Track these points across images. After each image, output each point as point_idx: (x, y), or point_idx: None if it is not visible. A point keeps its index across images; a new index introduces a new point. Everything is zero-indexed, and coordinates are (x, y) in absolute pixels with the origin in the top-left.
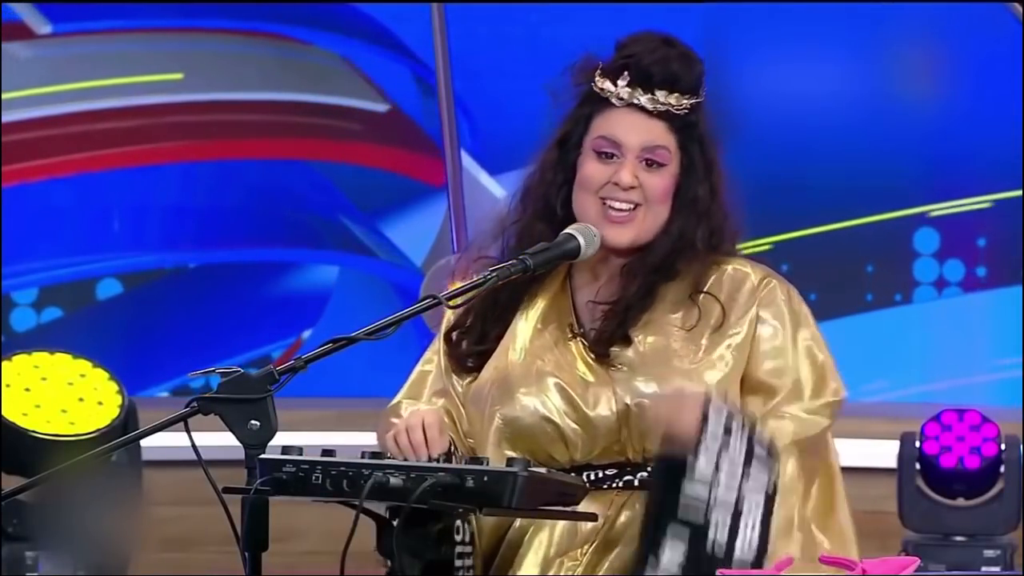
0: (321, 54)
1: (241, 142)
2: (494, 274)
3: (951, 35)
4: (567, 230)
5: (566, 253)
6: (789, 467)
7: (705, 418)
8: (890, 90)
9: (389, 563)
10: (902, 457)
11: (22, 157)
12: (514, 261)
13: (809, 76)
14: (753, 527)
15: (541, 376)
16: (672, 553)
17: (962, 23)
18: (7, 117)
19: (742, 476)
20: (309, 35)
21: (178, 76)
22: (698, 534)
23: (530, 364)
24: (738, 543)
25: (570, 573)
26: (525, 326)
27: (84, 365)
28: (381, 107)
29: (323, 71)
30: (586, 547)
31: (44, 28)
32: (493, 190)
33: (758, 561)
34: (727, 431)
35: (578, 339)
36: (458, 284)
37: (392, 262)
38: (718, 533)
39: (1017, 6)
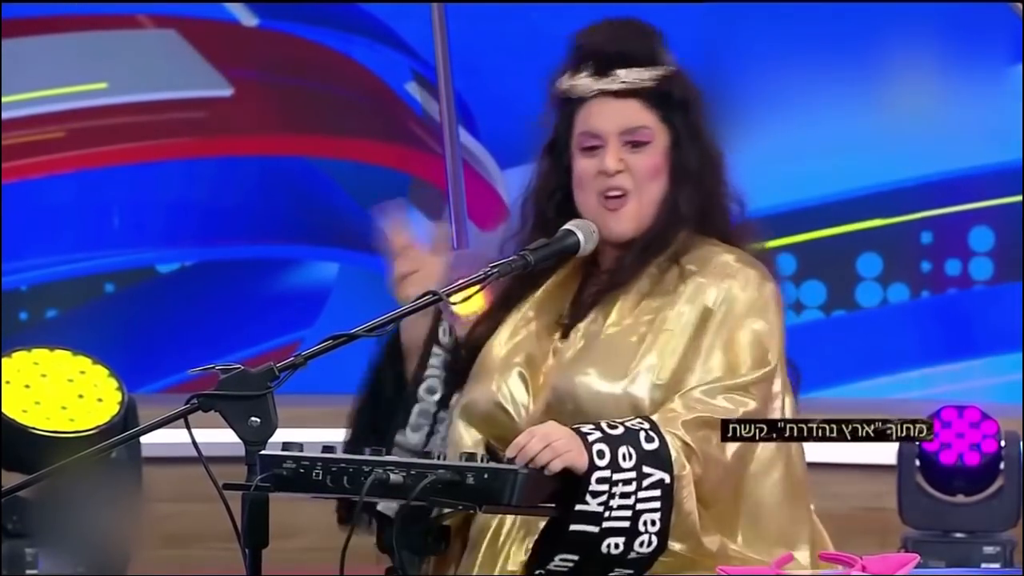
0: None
1: (241, 139)
2: (495, 270)
3: (952, 35)
4: (566, 225)
5: (565, 248)
6: (677, 444)
7: (592, 465)
8: (890, 91)
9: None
10: (902, 454)
11: (23, 154)
12: (514, 257)
13: (809, 77)
14: (653, 523)
15: (509, 366)
16: (560, 564)
17: (962, 23)
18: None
19: (635, 500)
20: (311, 32)
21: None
22: (588, 554)
23: (508, 352)
24: (636, 543)
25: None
26: (514, 316)
27: (84, 362)
28: (225, 91)
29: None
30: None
31: (251, 21)
32: (497, 181)
33: (658, 550)
34: (615, 468)
35: (561, 331)
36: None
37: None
38: (611, 549)
39: (1017, 5)
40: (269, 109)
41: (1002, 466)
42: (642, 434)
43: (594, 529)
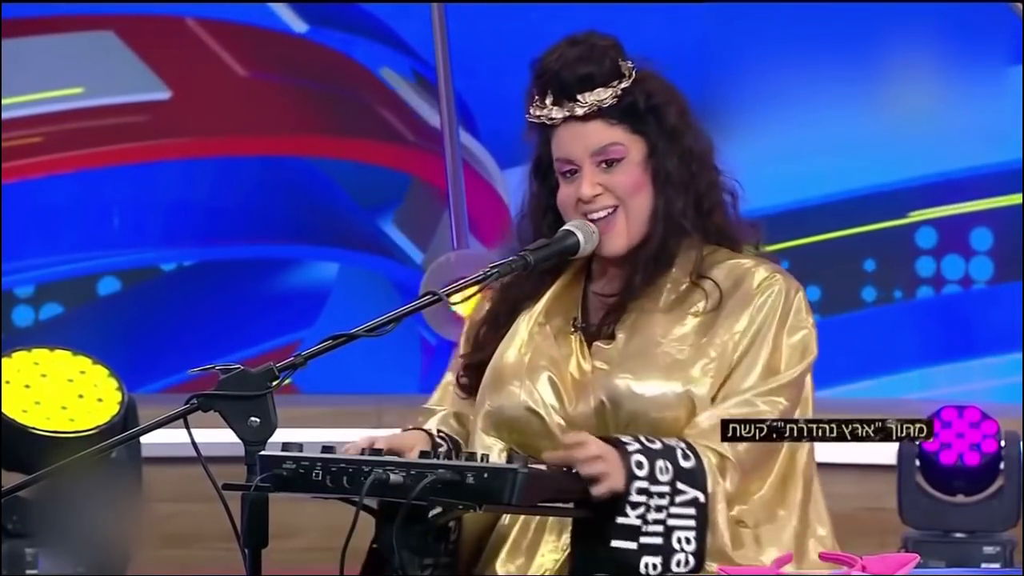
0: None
1: (241, 139)
2: (495, 270)
3: (952, 35)
4: (566, 226)
5: (565, 249)
6: (719, 507)
7: (631, 475)
8: (890, 91)
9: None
10: (902, 454)
11: (22, 154)
12: (515, 257)
13: (809, 77)
14: (688, 542)
15: (535, 369)
16: None
17: (962, 23)
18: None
19: (667, 515)
20: (312, 32)
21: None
22: (630, 572)
23: (525, 356)
24: (673, 562)
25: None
26: (527, 320)
27: (84, 362)
28: (163, 95)
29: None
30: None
31: (301, 27)
32: (497, 181)
33: (696, 571)
34: (652, 480)
35: (578, 333)
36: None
37: (392, 259)
38: (649, 569)
39: (1017, 5)
40: (281, 108)
41: (1002, 466)
42: (679, 451)
43: (632, 546)
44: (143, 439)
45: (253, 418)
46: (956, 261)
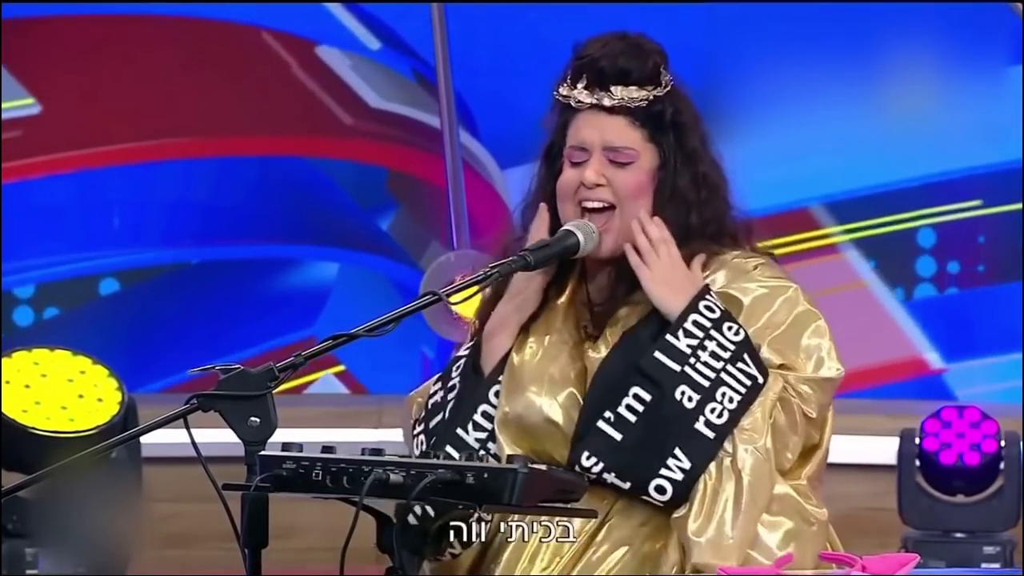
0: None
1: (241, 139)
2: (495, 270)
3: (952, 35)
4: (565, 226)
5: (565, 249)
6: (771, 394)
7: (694, 307)
8: (890, 91)
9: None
10: (902, 453)
11: (22, 153)
12: (515, 257)
13: (809, 77)
14: (730, 400)
15: (554, 379)
16: (632, 402)
17: (962, 23)
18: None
19: (723, 368)
20: (312, 32)
21: None
22: (662, 394)
23: (544, 364)
24: (708, 408)
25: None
26: (541, 326)
27: (84, 362)
28: (33, 110)
29: None
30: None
31: (374, 44)
32: (497, 181)
33: (720, 435)
34: (716, 328)
35: (591, 340)
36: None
37: (392, 259)
38: (684, 399)
39: (1017, 5)
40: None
41: (1002, 466)
42: (754, 346)
43: (675, 367)
44: (143, 439)
45: (253, 418)
46: (957, 261)
